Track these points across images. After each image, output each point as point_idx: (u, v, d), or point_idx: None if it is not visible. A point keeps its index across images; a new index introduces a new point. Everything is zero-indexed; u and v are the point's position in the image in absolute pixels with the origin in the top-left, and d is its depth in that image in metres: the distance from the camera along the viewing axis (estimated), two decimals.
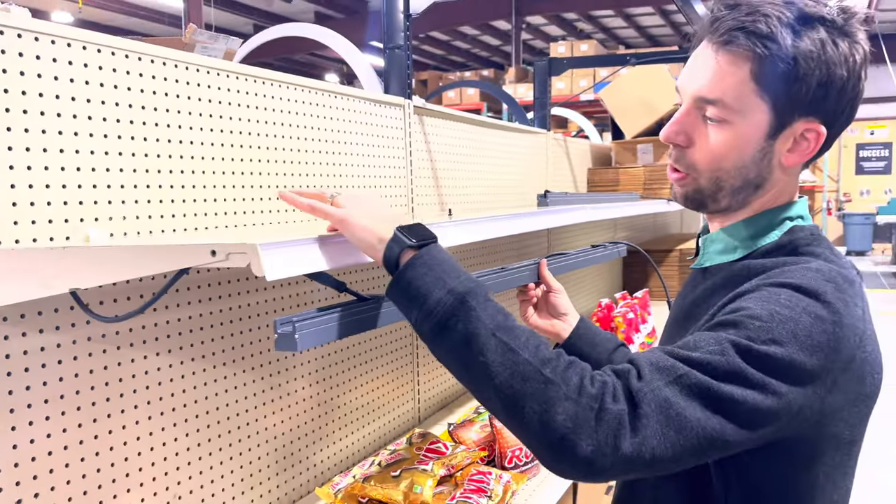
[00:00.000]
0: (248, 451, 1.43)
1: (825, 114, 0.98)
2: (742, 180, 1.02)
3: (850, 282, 0.95)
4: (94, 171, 1.10)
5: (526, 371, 0.83)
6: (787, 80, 0.94)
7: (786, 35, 0.94)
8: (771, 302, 0.89)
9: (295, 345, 0.88)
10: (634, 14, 13.55)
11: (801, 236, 1.03)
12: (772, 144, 1.00)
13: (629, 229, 4.44)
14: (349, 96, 1.74)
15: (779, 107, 0.96)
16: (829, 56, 0.95)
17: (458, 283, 0.90)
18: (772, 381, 0.85)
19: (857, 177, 15.88)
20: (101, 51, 1.12)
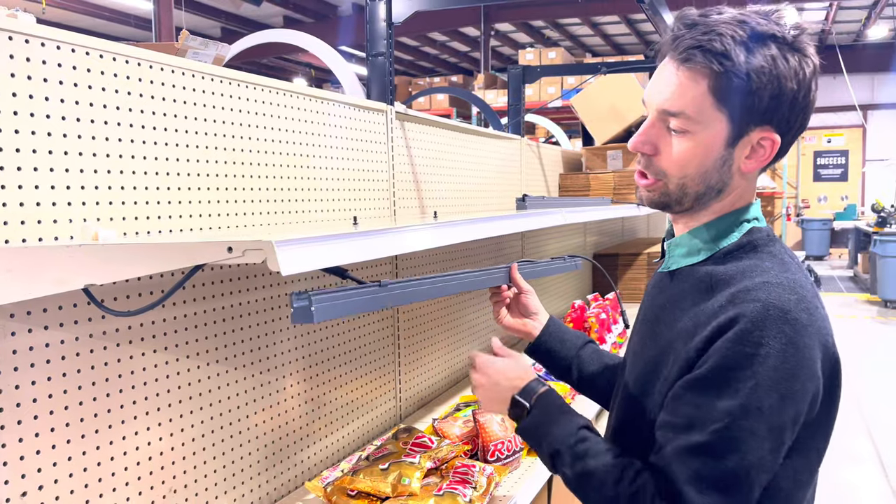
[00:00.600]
0: (238, 447, 1.47)
1: (778, 123, 1.07)
2: (705, 185, 1.11)
3: (805, 286, 1.04)
4: (97, 172, 1.13)
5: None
6: (741, 93, 1.03)
7: (739, 52, 1.02)
8: (745, 343, 0.98)
9: (311, 316, 0.96)
10: (601, 22, 13.77)
11: (758, 237, 1.12)
12: (731, 152, 1.08)
13: (599, 234, 4.54)
14: (334, 102, 1.78)
15: (735, 118, 1.05)
16: (780, 70, 1.03)
17: (548, 446, 1.16)
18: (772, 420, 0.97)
19: (815, 183, 16.34)
20: (102, 56, 1.15)
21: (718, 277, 1.08)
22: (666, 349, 1.10)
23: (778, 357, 0.97)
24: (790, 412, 0.98)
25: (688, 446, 0.98)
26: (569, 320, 2.61)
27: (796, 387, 0.97)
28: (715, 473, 0.96)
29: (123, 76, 1.19)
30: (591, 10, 11.93)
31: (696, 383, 1.00)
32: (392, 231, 1.08)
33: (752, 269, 1.06)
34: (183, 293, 1.32)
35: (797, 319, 0.99)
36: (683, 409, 1.01)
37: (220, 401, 1.42)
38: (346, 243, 0.92)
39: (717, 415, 0.97)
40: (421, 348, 2.27)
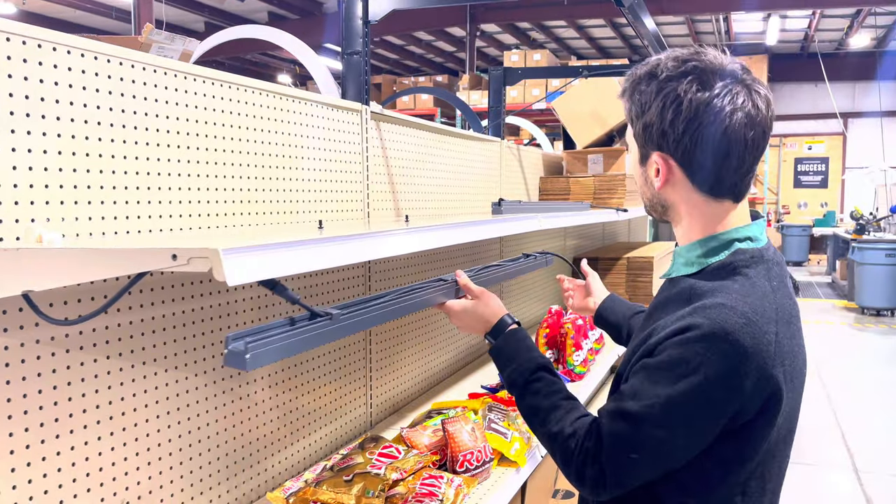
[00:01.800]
0: (197, 456, 1.42)
1: (669, 145, 1.20)
2: (648, 197, 1.30)
3: (761, 312, 1.14)
4: (47, 170, 1.08)
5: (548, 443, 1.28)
6: (637, 120, 1.23)
7: (631, 90, 1.22)
8: (689, 347, 1.12)
9: (244, 363, 0.88)
10: (586, 25, 13.78)
11: (741, 258, 1.21)
12: (645, 170, 1.27)
13: (579, 237, 4.52)
14: (306, 100, 1.74)
15: (638, 140, 1.25)
16: (660, 100, 1.17)
17: (508, 376, 1.36)
18: (691, 414, 1.12)
19: (795, 190, 16.47)
20: (56, 49, 1.10)
21: (696, 291, 1.19)
22: (644, 340, 1.22)
23: (713, 367, 1.09)
24: (710, 413, 1.12)
25: (620, 410, 1.16)
26: (545, 325, 2.58)
27: (720, 395, 1.10)
28: (633, 439, 1.14)
29: (79, 70, 1.14)
30: (576, 12, 11.93)
31: (646, 367, 1.16)
32: (356, 237, 1.03)
33: (720, 289, 1.17)
34: (140, 297, 1.27)
35: (738, 342, 1.10)
36: (633, 381, 1.18)
37: (179, 408, 1.37)
38: (304, 251, 0.88)
39: (650, 394, 1.13)
40: (393, 353, 2.22)
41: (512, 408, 1.99)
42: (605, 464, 1.16)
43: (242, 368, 0.87)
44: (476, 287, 1.50)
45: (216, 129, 1.45)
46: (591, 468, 1.18)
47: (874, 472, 4.37)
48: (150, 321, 1.29)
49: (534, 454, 1.86)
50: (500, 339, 1.41)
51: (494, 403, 1.98)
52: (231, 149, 1.49)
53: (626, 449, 1.15)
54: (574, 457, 1.20)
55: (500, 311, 1.46)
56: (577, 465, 1.20)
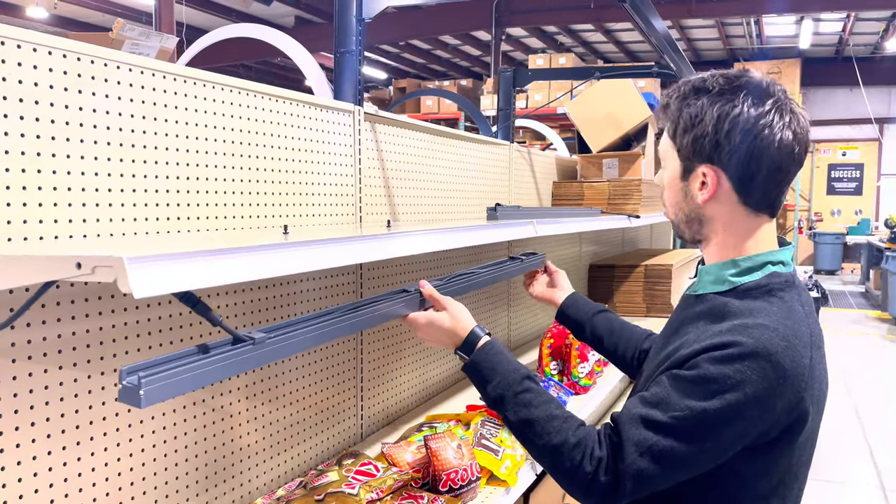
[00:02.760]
0: (163, 472, 1.35)
1: (718, 159, 1.22)
2: (683, 214, 1.30)
3: (800, 336, 1.15)
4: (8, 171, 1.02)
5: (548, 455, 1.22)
6: (684, 134, 1.24)
7: (678, 104, 1.25)
8: (728, 364, 1.12)
9: (139, 401, 0.80)
10: (614, 29, 13.60)
11: (776, 281, 1.23)
12: (686, 185, 1.28)
13: (596, 244, 4.41)
14: (293, 101, 1.67)
15: (682, 154, 1.26)
16: (713, 114, 1.20)
17: (492, 390, 1.30)
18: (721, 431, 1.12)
19: (828, 197, 16.08)
20: (4, 43, 1.05)
21: (731, 309, 1.20)
22: (670, 354, 1.22)
23: (751, 388, 1.11)
24: (739, 430, 1.12)
25: (646, 417, 1.14)
26: (549, 336, 2.48)
27: (754, 414, 1.11)
28: (657, 447, 1.12)
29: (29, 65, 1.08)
30: (603, 16, 11.78)
31: (678, 378, 1.15)
32: (304, 245, 0.96)
33: (758, 310, 1.18)
34: (99, 304, 1.21)
35: (780, 364, 1.11)
36: (658, 390, 1.16)
37: (154, 416, 1.31)
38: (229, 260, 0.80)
39: (682, 406, 1.12)
40: (388, 362, 2.15)
41: None
42: (623, 472, 1.14)
43: (136, 406, 0.79)
44: (442, 297, 1.42)
45: (188, 130, 1.39)
46: (605, 476, 1.15)
47: None
48: (123, 327, 1.23)
49: (527, 472, 1.77)
50: (474, 354, 1.34)
51: (488, 417, 1.89)
52: (206, 150, 1.43)
53: (648, 458, 1.13)
54: (581, 467, 1.16)
55: (470, 322, 1.38)
56: (585, 475, 1.16)
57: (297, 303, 1.69)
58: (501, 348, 1.35)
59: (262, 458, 1.61)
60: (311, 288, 1.74)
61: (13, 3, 10.65)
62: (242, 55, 12.41)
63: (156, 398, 0.80)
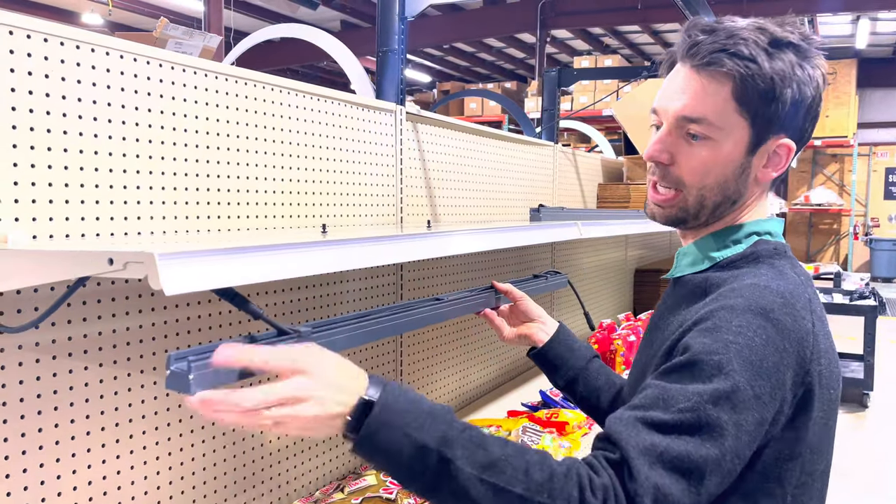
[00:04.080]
0: (202, 471, 1.35)
1: (794, 130, 1.05)
2: (723, 195, 1.07)
3: (797, 296, 0.97)
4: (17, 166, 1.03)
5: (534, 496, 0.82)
6: (765, 98, 1.01)
7: (763, 57, 1.00)
8: (723, 331, 0.92)
9: (188, 386, 0.76)
10: (661, 30, 13.38)
11: (763, 248, 1.07)
12: (750, 160, 1.06)
13: (643, 248, 4.32)
14: (336, 100, 1.66)
15: (757, 124, 1.03)
16: (798, 77, 1.02)
17: (427, 434, 0.82)
18: (740, 417, 0.88)
19: (885, 202, 15.52)
20: (47, 40, 1.05)
21: (713, 282, 1.05)
22: (654, 354, 1.05)
23: (756, 352, 0.90)
24: (756, 415, 0.89)
25: (646, 419, 0.88)
26: (594, 340, 2.42)
27: (768, 389, 0.90)
28: (672, 453, 0.85)
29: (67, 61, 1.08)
30: (650, 17, 11.59)
31: (669, 370, 0.93)
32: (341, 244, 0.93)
33: (744, 275, 1.02)
34: (139, 301, 1.21)
35: (779, 321, 0.93)
36: (649, 392, 0.91)
37: (181, 420, 1.30)
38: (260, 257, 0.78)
39: (686, 395, 0.88)
40: (428, 364, 2.12)
41: (548, 430, 1.86)
42: (639, 495, 0.83)
43: (186, 392, 0.76)
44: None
45: (237, 129, 1.38)
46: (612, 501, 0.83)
47: None
48: (151, 328, 1.23)
49: None
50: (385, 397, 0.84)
51: (530, 424, 1.85)
52: (254, 149, 1.42)
53: (663, 468, 0.84)
54: (579, 499, 0.83)
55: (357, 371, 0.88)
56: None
57: (336, 304, 1.67)
58: (408, 388, 0.90)
59: (301, 461, 1.59)
60: (351, 289, 1.73)
61: (69, 10, 10.99)
62: (287, 59, 12.57)
63: (205, 383, 0.77)
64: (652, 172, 1.10)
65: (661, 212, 1.10)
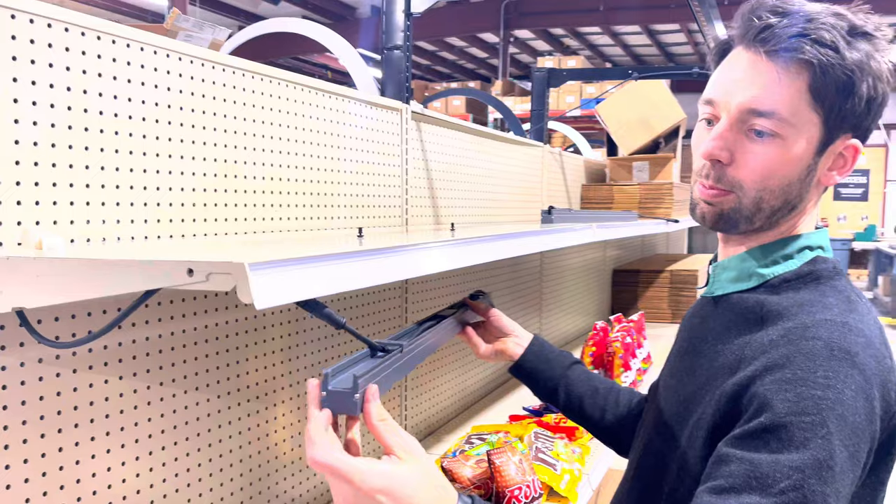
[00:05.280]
0: (219, 487, 1.28)
1: (862, 130, 0.95)
2: (783, 200, 0.96)
3: (874, 331, 0.89)
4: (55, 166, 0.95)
5: None
6: (843, 92, 0.90)
7: (843, 45, 0.89)
8: (809, 384, 0.81)
9: (355, 407, 0.77)
10: (621, 32, 13.56)
11: (823, 268, 0.97)
12: (817, 161, 0.95)
13: (620, 248, 4.34)
14: (342, 97, 1.60)
15: (830, 121, 0.92)
16: (874, 70, 0.91)
17: None
18: (839, 484, 0.78)
19: (834, 202, 16.02)
20: (70, 31, 0.97)
21: (771, 308, 0.93)
22: (704, 386, 0.95)
23: (848, 406, 0.80)
24: (851, 476, 0.80)
25: None
26: (591, 343, 2.41)
27: (861, 446, 0.81)
28: None
29: (94, 54, 1.01)
30: (612, 18, 11.73)
31: (748, 436, 0.81)
32: (404, 250, 0.89)
33: (812, 304, 0.91)
34: (157, 310, 1.13)
35: (865, 365, 0.83)
36: (733, 468, 0.80)
37: (199, 434, 1.23)
38: (345, 265, 0.73)
39: (784, 471, 0.77)
40: (430, 370, 2.07)
41: (559, 435, 1.83)
42: None
43: (353, 413, 0.78)
44: (397, 431, 0.87)
45: (235, 124, 1.31)
46: None
47: None
48: (169, 337, 1.15)
49: (585, 487, 1.69)
50: None
51: (540, 430, 1.82)
52: (259, 147, 1.35)
53: None
54: None
55: (451, 491, 0.86)
56: None
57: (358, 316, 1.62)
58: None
59: (302, 466, 1.53)
60: (364, 302, 1.67)
61: None
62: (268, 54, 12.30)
63: None
64: (704, 175, 0.97)
65: (712, 210, 0.98)
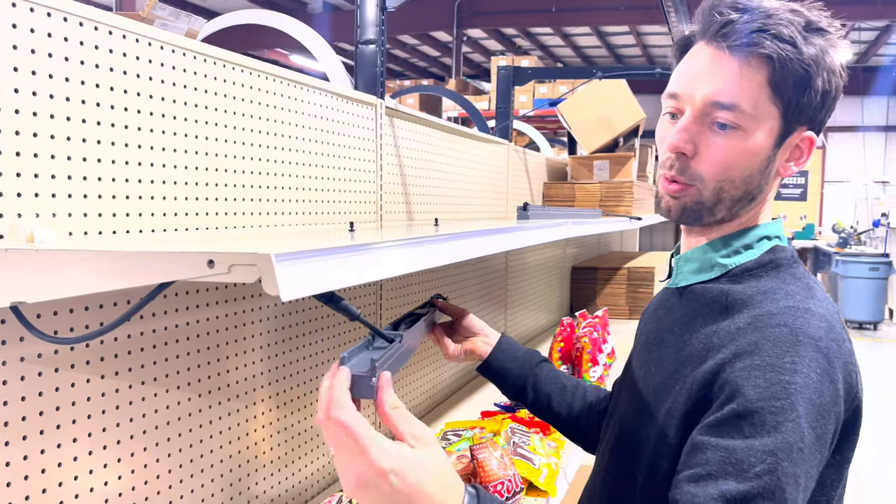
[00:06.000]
0: (199, 488, 1.25)
1: (817, 123, 0.98)
2: (744, 191, 0.99)
3: (833, 315, 0.92)
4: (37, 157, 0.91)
5: None
6: (800, 86, 0.93)
7: (800, 41, 0.92)
8: (778, 370, 0.84)
9: (372, 391, 0.77)
10: (572, 34, 13.74)
11: (782, 256, 1.01)
12: (775, 153, 0.98)
13: (578, 246, 4.40)
14: (319, 89, 1.57)
15: (788, 113, 0.95)
16: (828, 65, 0.94)
17: None
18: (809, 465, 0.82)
19: (775, 202, 16.52)
20: (51, 14, 0.93)
21: (736, 297, 0.96)
22: (673, 375, 0.97)
23: (815, 389, 0.83)
24: (819, 457, 0.84)
25: (722, 496, 0.79)
26: (559, 339, 2.43)
27: (828, 427, 0.84)
28: None
29: (76, 41, 0.97)
30: (563, 20, 11.87)
31: (721, 423, 0.84)
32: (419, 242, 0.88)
33: (774, 292, 0.94)
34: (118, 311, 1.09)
35: (828, 349, 0.87)
36: (708, 455, 0.82)
37: (181, 434, 1.20)
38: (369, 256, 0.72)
39: (758, 455, 0.80)
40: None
41: (534, 430, 1.84)
42: None
43: (370, 397, 0.76)
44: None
45: (215, 116, 1.28)
46: None
47: None
48: (151, 335, 1.12)
49: (561, 482, 1.71)
50: None
51: (516, 425, 1.83)
52: (232, 139, 1.32)
53: None
54: None
55: (458, 482, 0.85)
56: None
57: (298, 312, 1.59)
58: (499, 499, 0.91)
59: (283, 464, 1.51)
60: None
61: None
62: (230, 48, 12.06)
63: None
64: (668, 167, 0.99)
65: (676, 203, 1.00)
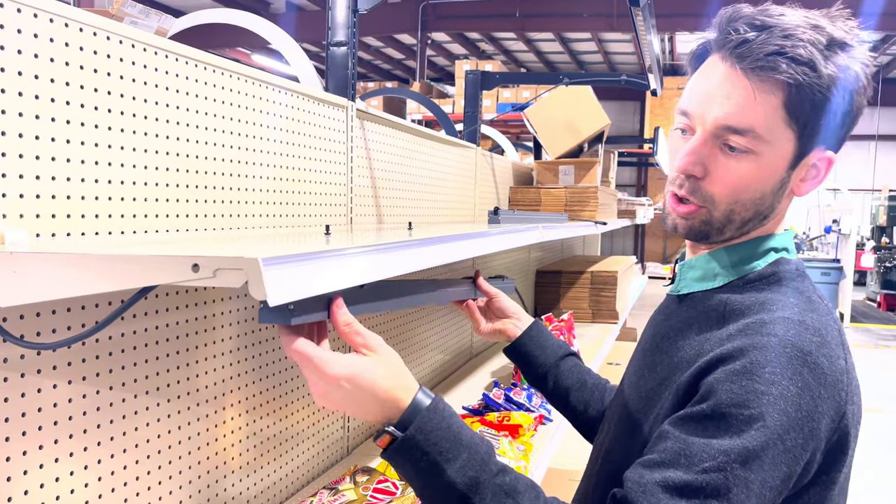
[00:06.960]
0: (168, 495, 1.22)
1: (836, 142, 0.96)
2: (755, 212, 0.98)
3: (830, 331, 0.90)
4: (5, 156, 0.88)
5: None
6: (818, 109, 0.91)
7: (820, 61, 0.89)
8: (755, 378, 0.84)
9: (288, 316, 0.76)
10: (535, 39, 13.87)
11: (786, 269, 0.99)
12: (790, 174, 0.97)
13: (542, 250, 4.43)
14: (290, 91, 1.56)
15: (804, 136, 0.93)
16: (850, 83, 0.92)
17: (458, 473, 0.85)
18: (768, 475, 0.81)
19: None
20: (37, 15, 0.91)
21: (733, 307, 0.96)
22: (664, 381, 0.97)
23: (792, 402, 0.82)
24: (785, 469, 0.83)
25: (667, 482, 0.81)
26: None
27: (800, 441, 0.83)
28: None
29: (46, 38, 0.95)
30: (527, 25, 11.97)
31: (689, 418, 0.85)
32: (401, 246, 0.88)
33: (772, 303, 0.93)
34: (96, 312, 1.07)
35: (817, 364, 0.85)
36: (669, 444, 0.85)
37: (149, 440, 1.17)
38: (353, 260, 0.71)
39: (711, 453, 0.81)
40: None
41: (503, 433, 1.85)
42: None
43: (286, 322, 0.76)
44: (366, 331, 0.89)
45: (187, 117, 1.26)
46: None
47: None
48: (119, 339, 1.09)
49: None
50: (422, 420, 0.86)
51: (485, 428, 1.83)
52: (209, 140, 1.30)
53: None
54: None
55: (412, 381, 0.91)
56: None
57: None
58: (453, 410, 0.92)
59: (253, 469, 1.49)
60: None
61: None
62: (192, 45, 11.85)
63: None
64: (678, 185, 0.99)
65: (684, 223, 1.01)
